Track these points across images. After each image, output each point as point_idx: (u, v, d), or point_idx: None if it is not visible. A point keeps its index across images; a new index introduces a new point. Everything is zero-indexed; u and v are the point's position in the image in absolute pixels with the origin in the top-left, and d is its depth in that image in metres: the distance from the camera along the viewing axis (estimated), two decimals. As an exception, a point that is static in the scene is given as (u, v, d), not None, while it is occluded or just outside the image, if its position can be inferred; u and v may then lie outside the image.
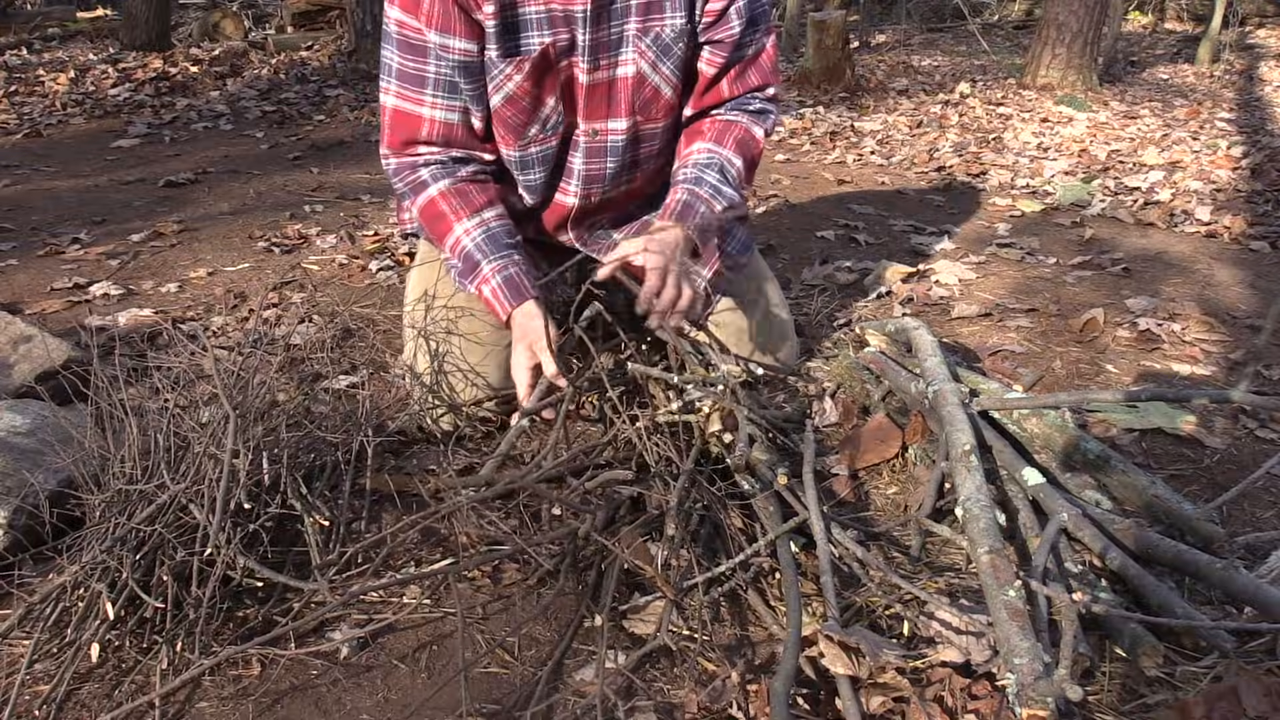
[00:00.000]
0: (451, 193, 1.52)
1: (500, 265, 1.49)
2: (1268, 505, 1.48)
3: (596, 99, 1.52)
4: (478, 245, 1.50)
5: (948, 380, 1.54)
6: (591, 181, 1.61)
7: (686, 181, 1.56)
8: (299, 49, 6.92)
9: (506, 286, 1.48)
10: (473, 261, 1.51)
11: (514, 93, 1.48)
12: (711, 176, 1.56)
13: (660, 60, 1.51)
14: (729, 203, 1.56)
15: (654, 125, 1.59)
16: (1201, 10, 9.23)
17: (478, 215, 1.52)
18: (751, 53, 1.58)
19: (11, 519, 1.27)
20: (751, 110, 1.63)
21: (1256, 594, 1.14)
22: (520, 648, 1.17)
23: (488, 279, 1.49)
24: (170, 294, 2.33)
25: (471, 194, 1.53)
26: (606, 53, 1.49)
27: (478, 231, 1.51)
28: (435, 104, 1.49)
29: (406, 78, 1.48)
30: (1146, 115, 5.06)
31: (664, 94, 1.55)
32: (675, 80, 1.55)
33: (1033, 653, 1.01)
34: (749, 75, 1.60)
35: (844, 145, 4.33)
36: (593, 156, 1.58)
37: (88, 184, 3.53)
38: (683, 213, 1.51)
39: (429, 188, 1.53)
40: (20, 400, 1.51)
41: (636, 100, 1.53)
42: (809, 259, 2.64)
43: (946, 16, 9.38)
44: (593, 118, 1.54)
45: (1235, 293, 2.42)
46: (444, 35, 1.43)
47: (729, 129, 1.61)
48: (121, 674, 1.10)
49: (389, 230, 2.85)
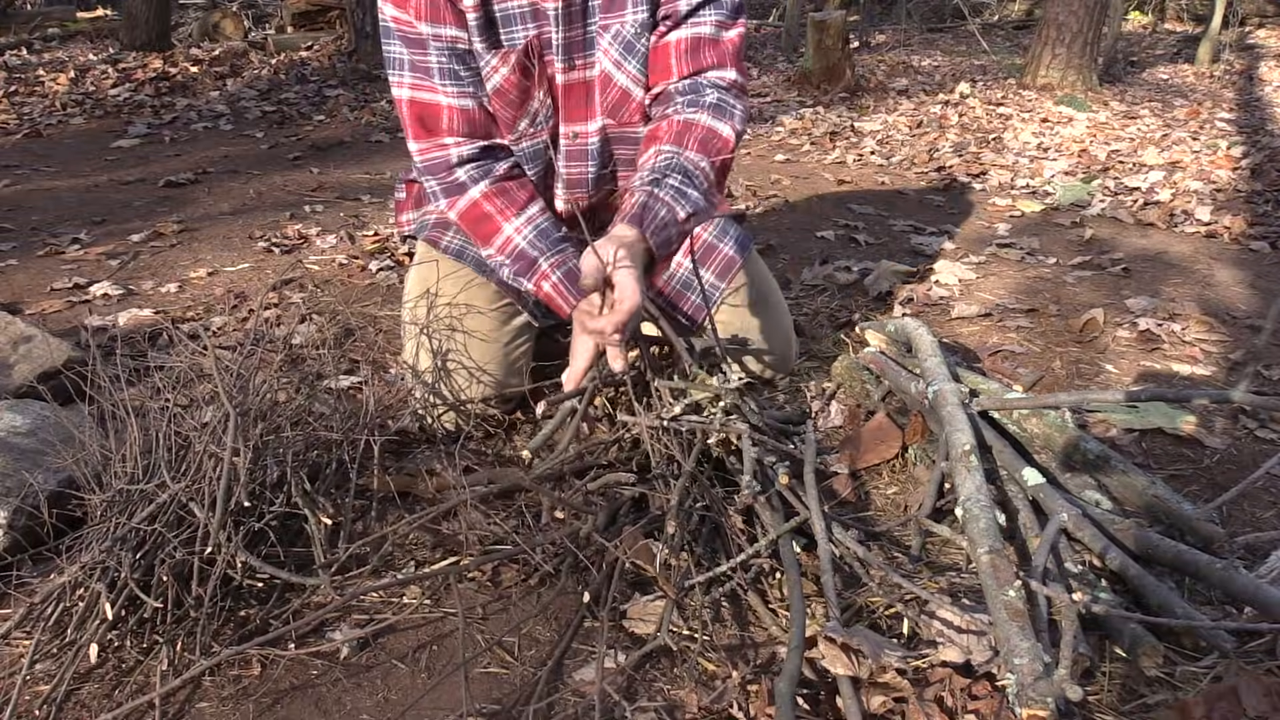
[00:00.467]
0: (494, 193, 1.50)
1: (559, 260, 1.48)
2: (1268, 505, 1.48)
3: (574, 100, 1.52)
4: (530, 242, 1.49)
5: (948, 380, 1.54)
6: (574, 186, 1.60)
7: (644, 184, 1.40)
8: (299, 49, 6.92)
9: (569, 279, 1.46)
10: (529, 259, 1.49)
11: (501, 85, 1.48)
12: (673, 179, 1.40)
13: (624, 59, 1.48)
14: (694, 208, 1.40)
15: (630, 129, 1.56)
16: (1201, 10, 9.24)
17: (524, 213, 1.51)
18: (709, 32, 1.47)
19: (11, 519, 1.27)
20: (710, 104, 1.47)
21: (1256, 594, 1.14)
22: (520, 648, 1.17)
23: (547, 274, 1.48)
24: (170, 294, 2.33)
25: (513, 191, 1.51)
26: (579, 52, 1.48)
27: (528, 229, 1.49)
28: (447, 91, 1.48)
29: (417, 68, 1.47)
30: (1146, 115, 5.06)
31: (633, 95, 1.51)
32: (644, 79, 1.51)
33: (1033, 653, 1.01)
34: (703, 53, 1.47)
35: (844, 145, 4.33)
36: (573, 160, 1.57)
37: (88, 184, 3.53)
38: (639, 215, 1.35)
39: (469, 190, 1.50)
40: (20, 400, 1.51)
41: (605, 101, 1.52)
42: (809, 259, 2.64)
43: (946, 16, 9.39)
44: (572, 119, 1.54)
45: (1235, 293, 2.42)
46: (434, 25, 1.44)
47: (688, 129, 1.46)
48: (122, 674, 1.10)
49: (389, 230, 2.85)
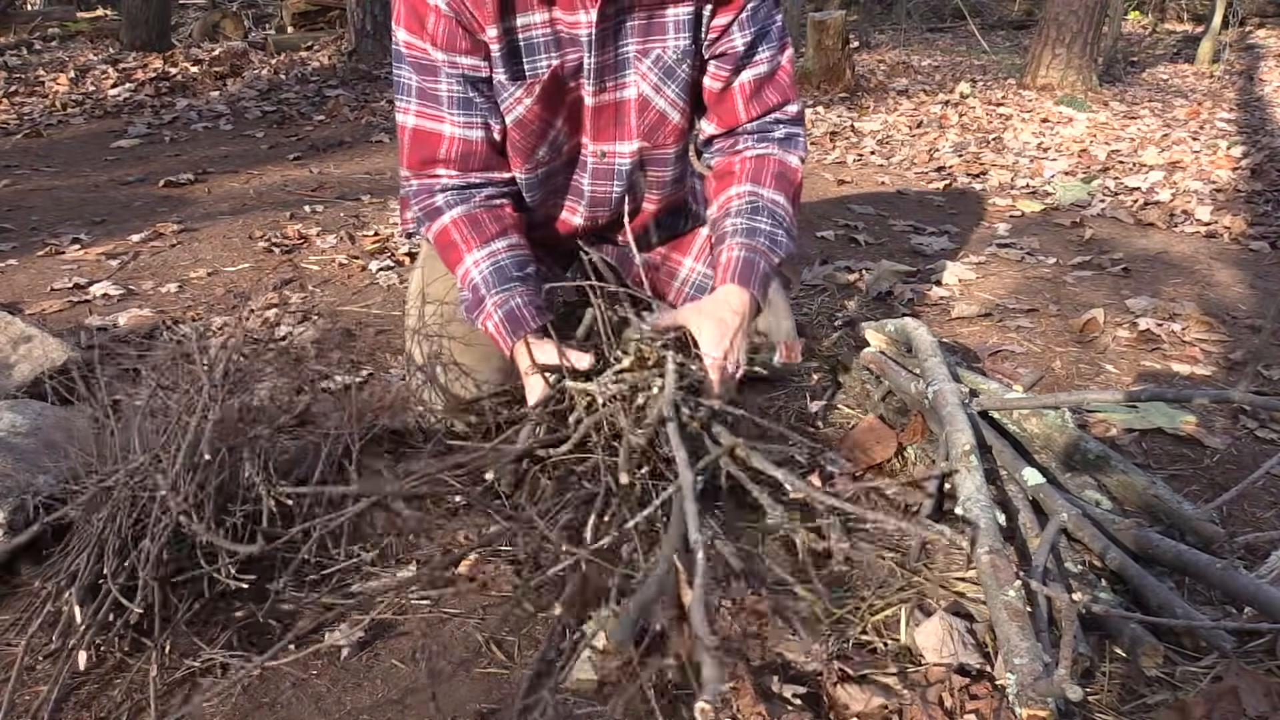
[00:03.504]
0: (464, 220, 1.49)
1: (502, 299, 1.45)
2: (1268, 505, 1.48)
3: (604, 121, 1.50)
4: (484, 279, 1.47)
5: (948, 380, 1.54)
6: (598, 204, 1.59)
7: (738, 234, 1.44)
8: (299, 49, 6.93)
9: (507, 320, 1.44)
10: (479, 295, 1.48)
11: (524, 116, 1.46)
12: (764, 225, 1.45)
13: (664, 83, 1.47)
14: (785, 253, 1.47)
15: (664, 150, 1.55)
16: (1201, 10, 9.24)
17: (488, 246, 1.49)
18: (767, 70, 1.50)
19: (11, 519, 1.27)
20: (778, 138, 1.53)
21: (1256, 594, 1.14)
22: (520, 648, 1.17)
23: (490, 314, 1.46)
24: (170, 294, 2.33)
25: (484, 223, 1.50)
26: (611, 75, 1.46)
27: (486, 264, 1.48)
28: (454, 121, 1.46)
29: (425, 96, 1.45)
30: (1146, 115, 5.06)
31: (670, 118, 1.51)
32: (682, 104, 1.50)
33: (1033, 653, 1.01)
34: (766, 94, 1.51)
35: (844, 145, 4.33)
36: (599, 179, 1.56)
37: (88, 184, 3.53)
38: (744, 273, 1.40)
39: (443, 215, 1.50)
40: (20, 400, 1.51)
41: (642, 124, 1.50)
42: (809, 259, 2.65)
43: (946, 16, 9.39)
44: (601, 139, 1.52)
45: (1235, 293, 2.42)
46: (450, 54, 1.42)
47: (763, 165, 1.51)
48: (118, 674, 1.10)
49: (389, 230, 2.85)
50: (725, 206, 1.50)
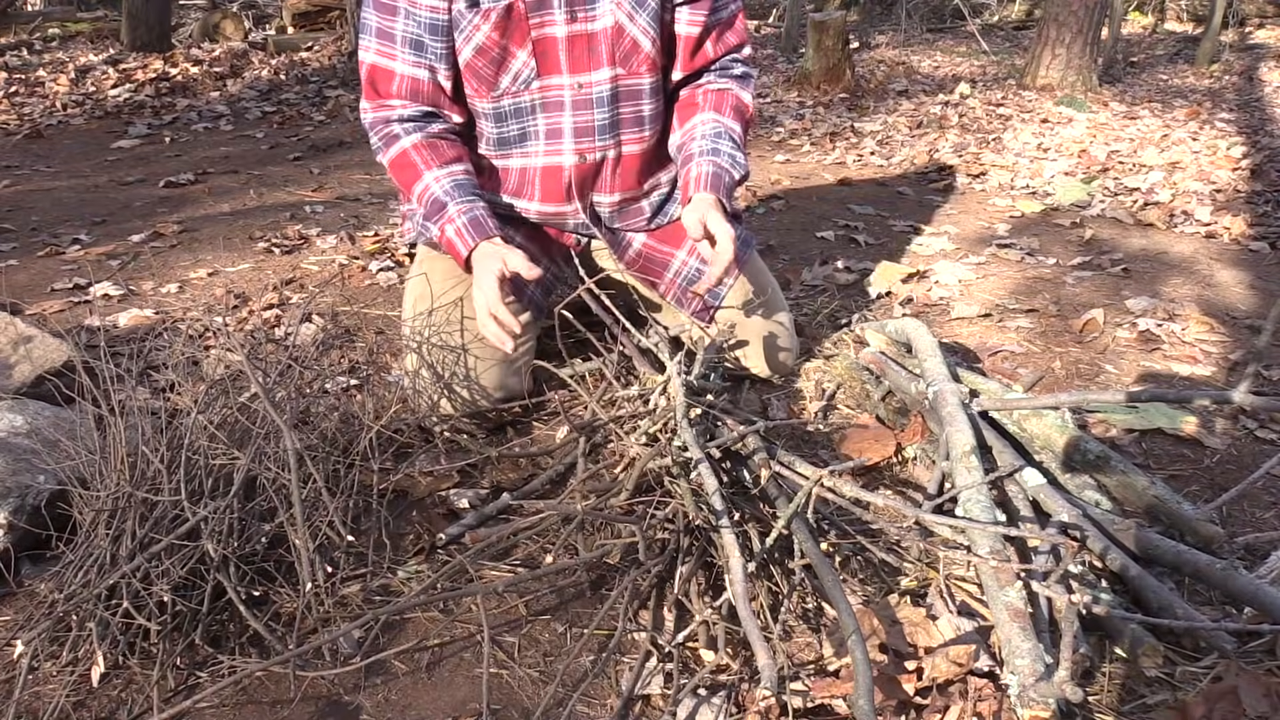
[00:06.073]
0: (424, 145, 1.59)
1: (466, 207, 1.55)
2: (1268, 505, 1.48)
3: (578, 51, 1.58)
4: (446, 191, 1.57)
5: (948, 380, 1.54)
6: (582, 135, 1.64)
7: (704, 153, 1.61)
8: (299, 49, 6.92)
9: (471, 226, 1.54)
10: (439, 204, 1.57)
11: (483, 43, 1.55)
12: (725, 146, 1.63)
13: (636, 11, 1.57)
14: (743, 171, 1.65)
15: (637, 80, 1.64)
16: (1201, 10, 9.24)
17: (447, 167, 1.59)
18: (727, 15, 1.67)
19: (12, 519, 1.27)
20: (736, 75, 1.72)
21: (1256, 594, 1.14)
22: (520, 648, 1.17)
23: (452, 219, 1.55)
24: (170, 294, 2.33)
25: (442, 148, 1.61)
26: (582, 6, 1.55)
27: (446, 180, 1.58)
28: (405, 59, 1.57)
29: (383, 35, 1.56)
30: (1146, 116, 5.06)
31: (643, 46, 1.60)
32: (652, 34, 1.60)
33: (1034, 653, 1.01)
34: (728, 36, 1.69)
35: (844, 145, 4.33)
36: (580, 109, 1.63)
37: (88, 184, 3.53)
38: (713, 182, 1.58)
39: (401, 140, 1.60)
40: (20, 400, 1.51)
41: (617, 51, 1.59)
42: (809, 259, 2.64)
43: (946, 17, 9.39)
44: (576, 70, 1.60)
45: (1235, 293, 2.42)
46: None
47: (724, 98, 1.69)
48: (125, 679, 1.10)
49: (389, 230, 2.85)
50: (690, 132, 1.68)
